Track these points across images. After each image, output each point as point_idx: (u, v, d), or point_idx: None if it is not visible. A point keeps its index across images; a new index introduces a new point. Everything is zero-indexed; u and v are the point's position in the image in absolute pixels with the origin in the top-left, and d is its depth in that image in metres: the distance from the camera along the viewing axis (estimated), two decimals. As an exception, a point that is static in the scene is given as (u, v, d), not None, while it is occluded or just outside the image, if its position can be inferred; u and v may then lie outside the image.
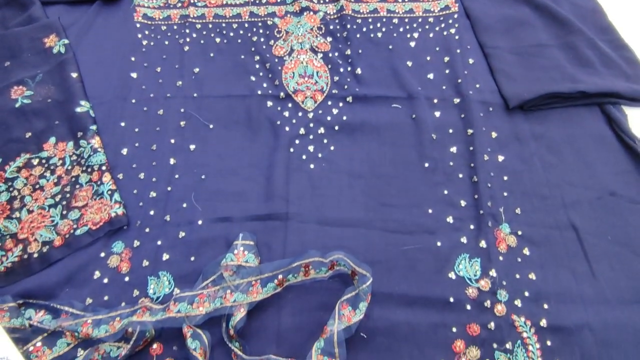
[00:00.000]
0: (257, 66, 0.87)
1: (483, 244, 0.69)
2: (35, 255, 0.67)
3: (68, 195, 0.73)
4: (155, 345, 0.61)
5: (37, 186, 0.74)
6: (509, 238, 0.70)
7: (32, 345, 0.60)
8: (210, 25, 0.93)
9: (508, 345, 0.62)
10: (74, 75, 0.84)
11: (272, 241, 0.68)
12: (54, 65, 0.85)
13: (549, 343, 0.62)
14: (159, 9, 0.95)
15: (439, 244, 0.69)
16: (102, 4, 0.95)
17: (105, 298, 0.64)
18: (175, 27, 0.93)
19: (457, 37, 0.92)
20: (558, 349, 0.62)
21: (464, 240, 0.70)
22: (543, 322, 0.63)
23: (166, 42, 0.90)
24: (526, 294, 0.66)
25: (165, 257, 0.67)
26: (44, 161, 0.76)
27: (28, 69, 0.85)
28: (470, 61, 0.89)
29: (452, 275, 0.67)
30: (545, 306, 0.65)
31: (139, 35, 0.91)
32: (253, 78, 0.85)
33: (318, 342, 0.57)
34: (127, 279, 0.66)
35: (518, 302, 0.65)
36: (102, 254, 0.68)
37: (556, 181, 0.76)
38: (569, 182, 0.76)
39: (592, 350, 0.62)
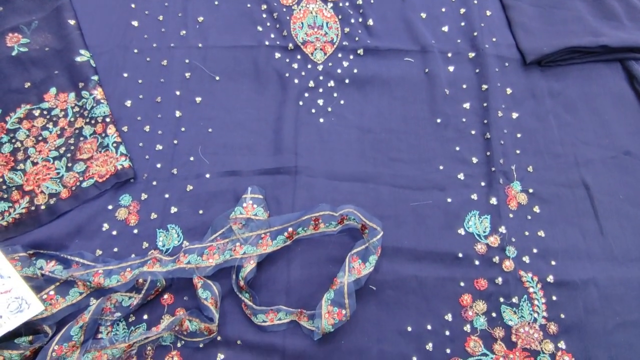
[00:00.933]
0: (264, 15, 0.83)
1: (494, 201, 0.69)
2: (43, 207, 0.67)
3: (72, 147, 0.71)
4: (166, 296, 0.62)
5: (40, 138, 0.72)
6: (519, 196, 0.70)
7: (46, 293, 0.61)
8: (213, -29, 0.88)
9: (514, 300, 0.63)
10: (72, 22, 0.80)
11: (281, 195, 0.67)
12: (49, 11, 0.81)
13: (554, 298, 0.63)
14: (159, -48, 0.89)
15: (449, 200, 0.69)
16: (97, -54, 0.89)
17: (115, 250, 0.65)
18: (176, -28, 0.87)
19: (474, -13, 0.87)
20: (563, 303, 0.63)
21: (474, 197, 0.69)
22: (550, 278, 0.64)
23: (167, -12, 0.86)
24: (534, 250, 0.66)
25: (174, 210, 0.67)
26: (45, 112, 0.74)
27: (22, 15, 0.81)
28: (488, 13, 0.84)
29: (461, 231, 0.67)
30: (553, 263, 0.65)
31: (139, -19, 0.86)
32: (260, 28, 0.81)
33: (328, 293, 0.58)
34: (135, 231, 0.66)
35: (526, 259, 0.65)
36: (110, 207, 0.67)
37: (570, 140, 0.75)
38: (583, 141, 0.75)
39: (596, 304, 0.63)
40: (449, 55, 0.80)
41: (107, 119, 0.72)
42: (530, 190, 0.70)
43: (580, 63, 0.80)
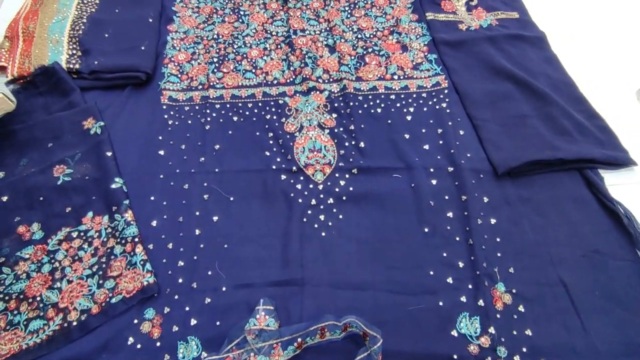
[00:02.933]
0: (271, 142, 0.98)
1: (481, 302, 0.76)
2: (75, 323, 0.74)
3: (104, 265, 0.80)
4: (185, 408, 0.67)
5: (76, 257, 0.81)
6: (504, 296, 0.77)
7: (73, 410, 0.66)
8: (228, 105, 1.05)
9: (509, 400, 0.67)
10: (109, 154, 0.94)
11: (290, 305, 0.75)
12: (91, 145, 0.95)
13: (546, 396, 0.67)
14: (183, 91, 1.08)
15: (440, 303, 0.76)
16: (132, 89, 1.07)
17: (139, 363, 0.70)
18: (197, 107, 1.05)
19: (448, 111, 1.03)
20: (555, 401, 0.67)
21: (463, 299, 0.77)
22: (541, 376, 0.69)
23: (189, 122, 1.02)
24: (524, 349, 0.72)
25: (193, 322, 0.74)
26: (82, 234, 0.84)
27: (68, 149, 0.95)
28: (461, 132, 0.99)
29: (454, 333, 0.73)
30: (542, 360, 0.71)
31: (165, 116, 1.02)
32: (268, 153, 0.96)
33: (335, 401, 0.63)
34: (158, 344, 0.72)
35: (517, 358, 0.71)
36: (135, 321, 0.74)
37: (544, 241, 0.84)
38: (555, 242, 0.84)
39: (587, 401, 0.67)
40: (431, 170, 0.93)
41: (136, 239, 0.83)
42: (514, 291, 0.78)
43: (543, 173, 0.92)
